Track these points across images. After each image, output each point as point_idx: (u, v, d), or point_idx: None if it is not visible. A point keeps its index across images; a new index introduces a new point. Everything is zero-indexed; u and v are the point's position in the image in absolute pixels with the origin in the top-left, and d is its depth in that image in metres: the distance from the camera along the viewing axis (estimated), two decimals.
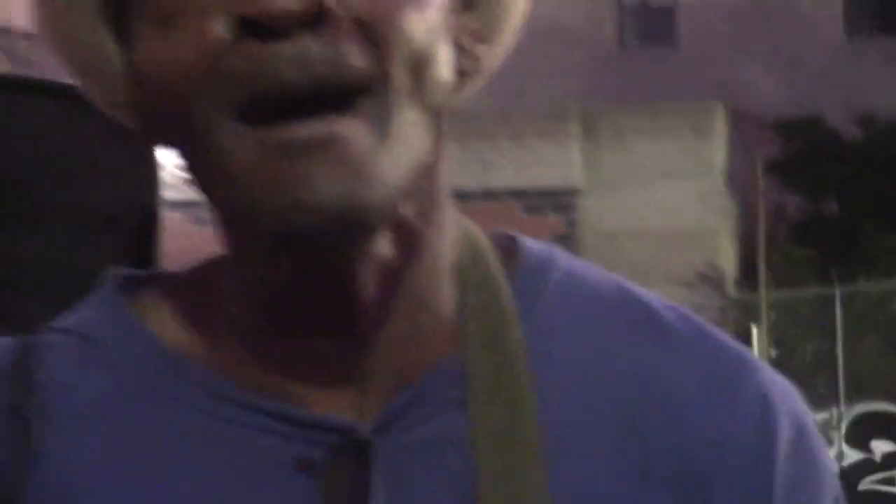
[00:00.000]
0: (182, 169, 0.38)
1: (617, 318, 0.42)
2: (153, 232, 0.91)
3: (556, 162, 12.39)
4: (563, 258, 0.44)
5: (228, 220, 0.38)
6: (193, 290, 0.42)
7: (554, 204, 12.56)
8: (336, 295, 0.37)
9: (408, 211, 0.37)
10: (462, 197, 0.47)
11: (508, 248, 0.43)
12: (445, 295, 0.40)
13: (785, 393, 0.42)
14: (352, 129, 0.35)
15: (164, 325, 0.41)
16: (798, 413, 0.42)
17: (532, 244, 0.44)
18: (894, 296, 11.42)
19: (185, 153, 0.38)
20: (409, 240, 0.38)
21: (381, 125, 0.35)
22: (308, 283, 0.37)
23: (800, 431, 0.41)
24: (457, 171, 0.44)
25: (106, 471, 0.38)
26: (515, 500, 0.38)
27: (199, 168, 0.37)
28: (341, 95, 0.35)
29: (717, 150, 13.02)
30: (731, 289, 12.44)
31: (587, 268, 0.44)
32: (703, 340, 0.42)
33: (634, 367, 0.41)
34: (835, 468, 0.52)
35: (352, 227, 0.35)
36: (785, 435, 0.40)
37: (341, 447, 0.38)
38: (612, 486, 0.39)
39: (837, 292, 10.86)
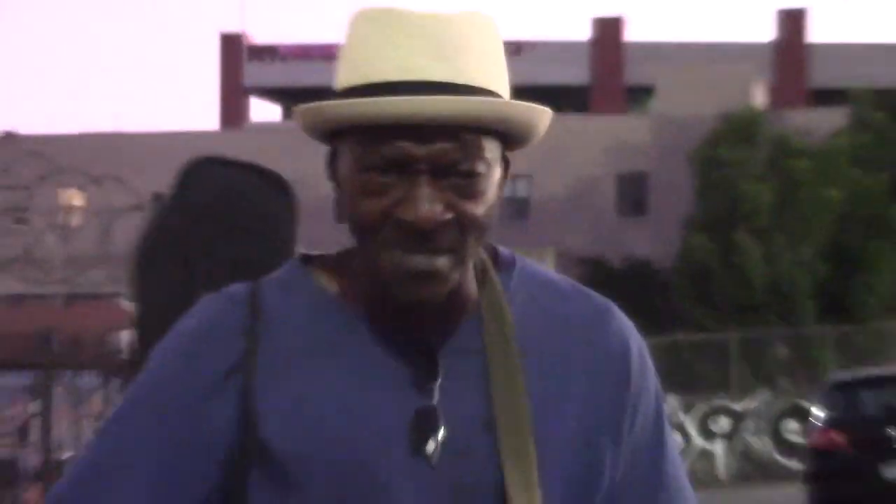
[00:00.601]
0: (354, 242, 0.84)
1: (544, 287, 0.90)
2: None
3: None
4: (518, 258, 0.92)
5: (366, 264, 0.84)
6: (339, 265, 0.87)
7: None
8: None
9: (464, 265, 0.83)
10: None
11: (492, 252, 0.90)
12: (472, 286, 0.86)
13: (627, 319, 0.92)
14: (443, 265, 0.79)
15: (324, 280, 0.86)
16: (634, 330, 0.92)
17: (502, 249, 0.92)
18: None
19: (359, 242, 0.83)
20: (465, 276, 0.85)
21: (458, 262, 0.81)
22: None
23: (639, 340, 0.92)
24: None
25: (296, 350, 0.83)
26: (507, 384, 0.84)
27: (364, 251, 0.82)
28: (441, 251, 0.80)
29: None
30: None
31: (531, 262, 0.92)
32: (582, 294, 0.91)
33: (559, 312, 0.88)
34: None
35: (440, 305, 0.82)
36: (636, 339, 0.91)
37: (422, 352, 0.83)
38: (565, 383, 0.86)
39: None
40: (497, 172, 0.85)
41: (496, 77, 0.85)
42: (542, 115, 0.87)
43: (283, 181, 1.09)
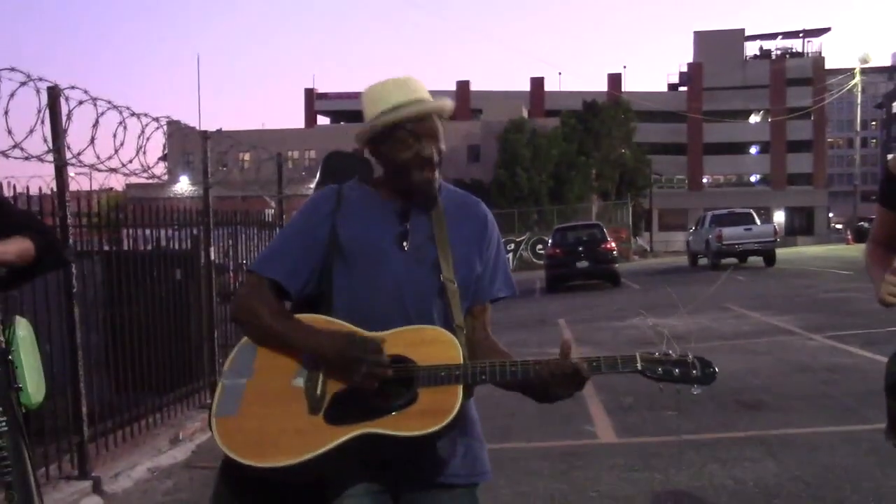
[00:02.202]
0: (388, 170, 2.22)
1: (452, 192, 2.31)
2: None
3: None
4: (443, 182, 2.26)
5: (393, 177, 2.21)
6: (373, 181, 2.32)
7: None
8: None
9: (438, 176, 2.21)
10: None
11: None
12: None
13: (483, 204, 2.36)
14: (434, 175, 2.19)
15: (365, 186, 2.31)
16: (487, 209, 2.36)
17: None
18: None
19: (394, 167, 2.19)
20: None
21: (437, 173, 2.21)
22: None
23: (489, 212, 2.35)
24: None
25: (352, 207, 2.25)
26: (438, 225, 2.20)
27: (397, 167, 2.17)
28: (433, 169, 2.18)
29: None
30: None
31: (446, 183, 2.31)
32: (461, 192, 2.35)
33: (459, 200, 2.30)
34: None
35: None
36: (489, 212, 2.35)
37: (403, 211, 2.22)
38: (460, 227, 2.24)
39: None
40: (440, 133, 2.17)
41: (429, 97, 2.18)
42: (449, 106, 2.20)
43: (366, 160, 2.31)
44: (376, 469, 2.12)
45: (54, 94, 5.74)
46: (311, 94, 68.84)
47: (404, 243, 2.18)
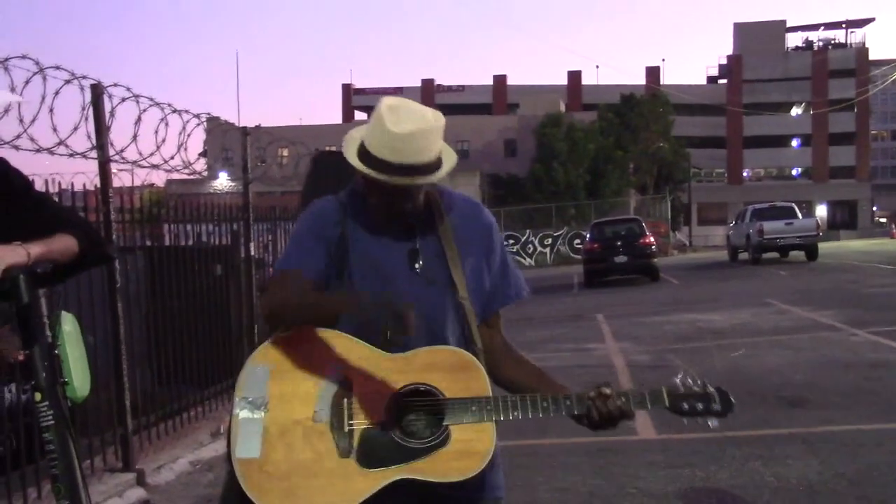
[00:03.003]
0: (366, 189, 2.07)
1: (456, 199, 2.23)
2: None
3: None
4: (445, 187, 2.20)
5: (371, 194, 2.07)
6: (355, 192, 2.17)
7: None
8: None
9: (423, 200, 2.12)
10: None
11: (437, 189, 2.20)
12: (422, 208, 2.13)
13: (485, 209, 2.29)
14: (400, 215, 2.10)
15: (358, 196, 2.15)
16: (491, 215, 2.29)
17: (440, 185, 2.18)
18: None
19: (370, 192, 2.06)
20: (434, 198, 2.19)
21: (410, 213, 2.10)
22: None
23: (493, 219, 2.28)
24: None
25: (364, 226, 2.13)
26: (446, 242, 2.12)
27: (374, 191, 2.04)
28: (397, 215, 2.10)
29: None
30: None
31: (449, 188, 2.24)
32: (463, 199, 2.26)
33: (462, 209, 2.22)
34: None
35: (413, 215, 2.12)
36: (493, 219, 2.27)
37: (410, 228, 2.13)
38: (469, 240, 2.17)
39: None
40: (422, 190, 2.07)
41: (435, 152, 2.01)
42: (441, 178, 2.05)
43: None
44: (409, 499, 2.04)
45: (98, 91, 5.82)
46: (348, 90, 69.25)
47: (416, 264, 2.12)
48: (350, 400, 2.00)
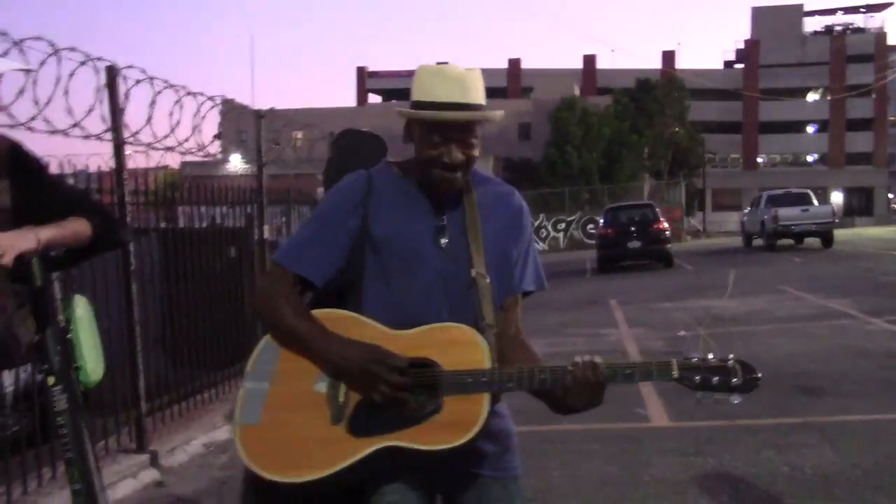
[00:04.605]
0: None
1: (487, 180, 2.23)
2: None
3: None
4: (478, 170, 2.18)
5: (416, 166, 2.11)
6: (401, 164, 2.19)
7: None
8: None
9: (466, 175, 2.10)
10: None
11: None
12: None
13: (518, 194, 2.26)
14: (457, 177, 2.07)
15: (395, 169, 2.18)
16: (523, 199, 2.25)
17: (474, 168, 2.14)
18: None
19: (418, 157, 2.09)
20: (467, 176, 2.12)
21: (463, 175, 2.09)
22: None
23: (525, 204, 2.25)
24: None
25: (385, 196, 2.12)
26: (471, 220, 2.12)
27: (420, 160, 2.07)
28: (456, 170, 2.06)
29: None
30: None
31: (482, 171, 2.22)
32: (502, 182, 2.28)
33: (494, 190, 2.22)
34: None
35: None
36: (524, 204, 2.24)
37: (437, 202, 2.12)
38: (496, 220, 2.16)
39: None
40: (474, 135, 2.03)
41: (481, 98, 2.03)
42: (497, 117, 2.07)
43: (378, 137, 2.46)
44: (411, 470, 2.07)
45: (112, 73, 5.81)
46: (362, 73, 68.99)
47: (442, 240, 2.11)
48: None
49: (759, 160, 67.56)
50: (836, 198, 60.37)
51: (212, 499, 5.21)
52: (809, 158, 68.51)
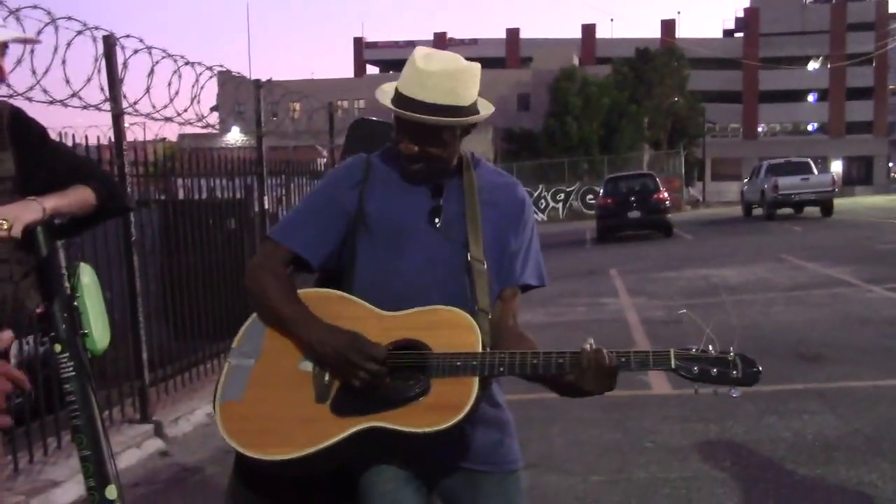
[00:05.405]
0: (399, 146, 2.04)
1: (490, 171, 2.19)
2: None
3: None
4: (480, 158, 2.18)
5: (401, 140, 2.03)
6: (389, 151, 2.16)
7: None
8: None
9: (457, 157, 2.09)
10: None
11: (471, 155, 2.17)
12: (453, 167, 2.10)
13: (522, 187, 2.22)
14: (419, 168, 2.06)
15: (388, 156, 2.15)
16: (526, 192, 2.22)
17: (475, 153, 2.18)
18: None
19: (401, 138, 2.02)
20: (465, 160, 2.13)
21: (428, 166, 2.05)
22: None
23: (528, 196, 2.22)
24: None
25: (382, 179, 2.10)
26: (470, 203, 2.07)
27: (404, 136, 2.01)
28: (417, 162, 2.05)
29: None
30: None
31: (486, 161, 2.21)
32: (505, 174, 2.24)
33: (496, 181, 2.17)
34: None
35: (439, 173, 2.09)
36: (527, 196, 2.21)
37: (436, 186, 2.09)
38: (495, 208, 2.10)
39: None
40: (455, 137, 2.01)
41: (469, 98, 1.98)
42: (480, 118, 2.01)
43: (388, 124, 2.17)
44: (402, 457, 2.02)
45: (110, 42, 5.76)
46: (359, 43, 68.53)
47: (436, 220, 2.07)
48: None
49: (759, 129, 67.30)
50: (836, 167, 60.21)
51: (216, 467, 5.24)
52: (809, 127, 68.27)
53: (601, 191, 25.52)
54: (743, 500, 4.20)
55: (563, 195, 40.95)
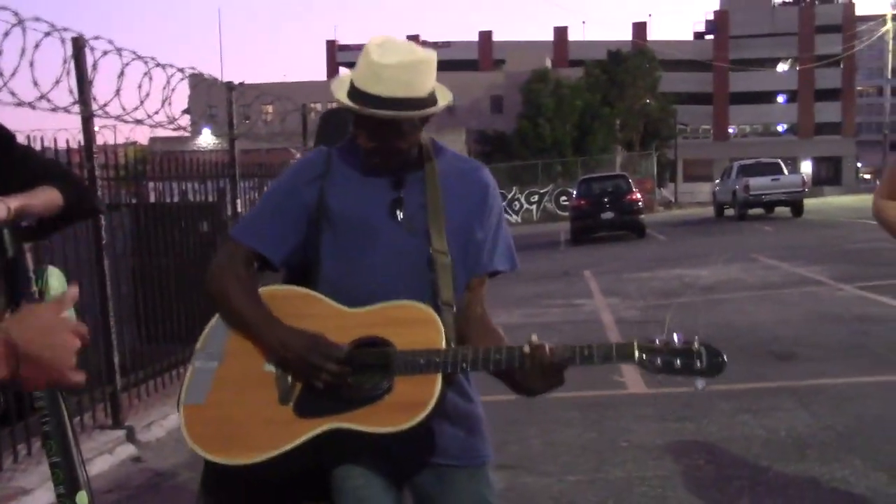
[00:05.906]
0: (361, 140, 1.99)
1: (452, 157, 2.14)
2: None
3: None
4: (442, 144, 2.14)
5: (361, 135, 1.97)
6: (350, 143, 2.08)
7: None
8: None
9: (417, 147, 2.03)
10: None
11: (432, 142, 2.12)
12: (414, 157, 2.05)
13: (486, 170, 2.17)
14: (378, 161, 2.01)
15: (348, 148, 2.06)
16: (490, 176, 2.15)
17: (436, 140, 2.13)
18: None
19: (360, 133, 1.96)
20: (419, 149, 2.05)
21: (386, 158, 2.00)
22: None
23: (493, 180, 2.15)
24: None
25: (342, 172, 2.05)
26: (432, 194, 2.02)
27: (363, 131, 1.94)
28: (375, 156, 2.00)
29: None
30: None
31: (446, 146, 2.15)
32: (468, 159, 2.24)
33: (459, 167, 2.12)
34: None
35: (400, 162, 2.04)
36: (492, 180, 2.14)
37: (397, 177, 2.03)
38: (458, 197, 2.05)
39: None
40: (415, 127, 1.96)
41: (426, 89, 1.92)
42: (438, 109, 1.96)
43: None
44: (370, 454, 1.99)
45: (79, 44, 5.69)
46: (332, 46, 68.40)
47: (398, 212, 2.01)
48: None
49: (730, 131, 67.87)
50: (806, 167, 60.85)
51: (190, 473, 5.17)
52: (779, 128, 68.96)
53: (575, 192, 25.66)
54: (718, 497, 4.22)
55: (536, 197, 41.06)
